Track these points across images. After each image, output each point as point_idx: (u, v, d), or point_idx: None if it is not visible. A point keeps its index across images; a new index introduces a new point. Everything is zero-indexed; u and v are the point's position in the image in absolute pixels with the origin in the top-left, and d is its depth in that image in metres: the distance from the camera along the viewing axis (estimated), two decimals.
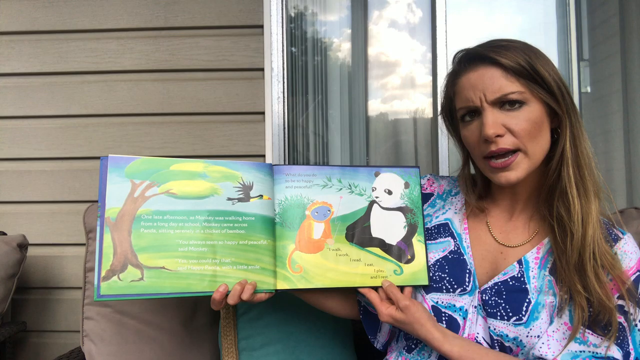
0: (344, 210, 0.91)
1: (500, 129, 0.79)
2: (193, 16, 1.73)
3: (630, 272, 0.80)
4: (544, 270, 0.83)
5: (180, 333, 1.18)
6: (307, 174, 0.92)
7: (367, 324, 0.98)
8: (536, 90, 0.79)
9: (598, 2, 1.92)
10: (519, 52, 0.80)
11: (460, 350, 0.79)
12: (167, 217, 0.82)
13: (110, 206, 0.80)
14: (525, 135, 0.79)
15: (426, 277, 0.89)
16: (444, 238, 0.93)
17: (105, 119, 1.75)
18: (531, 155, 0.81)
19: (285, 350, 1.10)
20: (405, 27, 1.99)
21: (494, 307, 0.83)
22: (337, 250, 0.89)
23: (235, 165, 0.88)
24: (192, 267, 0.81)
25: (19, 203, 1.75)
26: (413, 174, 0.95)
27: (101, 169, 0.81)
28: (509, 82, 0.79)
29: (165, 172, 0.84)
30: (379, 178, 0.94)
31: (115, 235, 0.79)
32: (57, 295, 1.74)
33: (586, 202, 0.80)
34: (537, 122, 0.80)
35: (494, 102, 0.80)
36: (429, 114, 1.95)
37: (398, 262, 0.90)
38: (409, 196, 0.93)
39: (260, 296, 0.85)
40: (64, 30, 1.75)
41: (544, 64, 0.80)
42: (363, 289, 0.87)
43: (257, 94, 1.72)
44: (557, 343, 0.78)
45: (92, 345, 1.15)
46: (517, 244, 0.87)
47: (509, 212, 0.91)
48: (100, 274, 0.78)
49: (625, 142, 1.85)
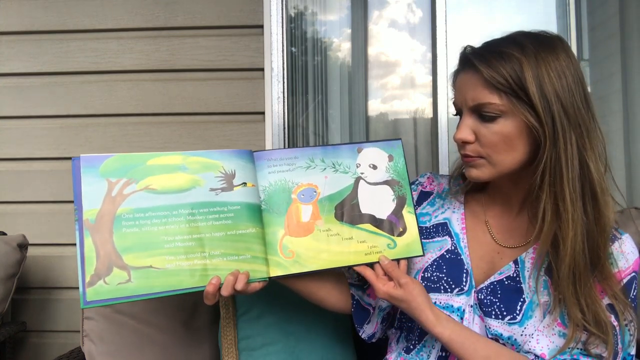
0: (331, 190, 0.89)
1: (469, 136, 0.80)
2: (193, 16, 1.73)
3: (626, 272, 0.80)
4: (539, 270, 0.83)
5: (180, 333, 1.18)
6: (289, 157, 0.90)
7: (356, 316, 0.98)
8: (518, 105, 0.75)
9: (598, 2, 1.92)
10: (512, 62, 0.75)
11: (451, 334, 0.79)
12: (149, 214, 0.79)
13: (88, 208, 0.77)
14: (490, 147, 0.79)
15: (420, 248, 0.88)
16: (442, 237, 0.93)
17: (105, 119, 1.74)
18: (495, 164, 0.80)
19: (285, 350, 1.10)
20: (405, 27, 1.99)
21: (489, 306, 0.83)
22: (328, 230, 0.87)
23: (215, 155, 0.85)
24: (181, 263, 0.79)
25: (19, 203, 1.75)
26: (396, 146, 0.93)
27: (74, 171, 0.78)
28: (487, 93, 0.77)
29: (142, 168, 0.81)
30: (362, 154, 0.92)
31: (96, 238, 0.76)
32: (57, 295, 1.74)
33: (566, 217, 0.75)
34: (510, 136, 0.77)
35: (471, 109, 0.80)
36: (429, 114, 1.95)
37: (390, 235, 0.88)
38: (394, 169, 0.91)
39: (255, 285, 0.83)
40: (64, 30, 1.75)
41: (542, 77, 0.74)
42: (358, 267, 0.86)
43: (257, 94, 1.72)
44: (546, 338, 0.79)
45: (92, 345, 1.15)
46: (514, 245, 0.88)
47: (507, 212, 0.91)
48: (85, 280, 0.74)
49: (625, 142, 1.85)
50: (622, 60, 1.86)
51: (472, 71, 0.79)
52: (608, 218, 0.77)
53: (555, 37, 0.80)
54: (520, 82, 0.74)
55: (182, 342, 1.18)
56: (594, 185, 0.76)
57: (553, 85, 0.74)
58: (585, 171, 0.75)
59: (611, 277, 0.78)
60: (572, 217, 0.75)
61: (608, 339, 0.75)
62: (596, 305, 0.76)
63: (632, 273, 0.81)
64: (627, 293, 0.79)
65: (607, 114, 1.90)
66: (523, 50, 0.76)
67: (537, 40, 0.77)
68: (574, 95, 0.75)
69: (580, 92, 0.76)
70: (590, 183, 0.76)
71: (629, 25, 1.84)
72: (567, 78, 0.75)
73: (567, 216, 0.75)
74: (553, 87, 0.74)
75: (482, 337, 0.81)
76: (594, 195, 0.76)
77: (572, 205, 0.75)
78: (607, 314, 0.76)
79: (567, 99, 0.75)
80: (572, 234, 0.75)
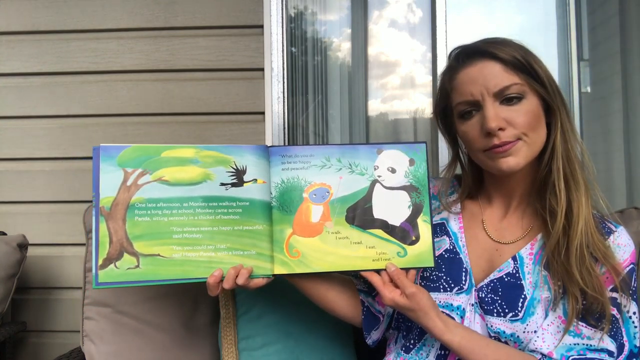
0: (344, 191, 0.87)
1: (502, 122, 0.80)
2: (193, 16, 1.73)
3: (624, 265, 0.81)
4: (538, 265, 0.83)
5: (180, 333, 1.18)
6: (304, 155, 0.88)
7: (366, 323, 0.97)
8: (533, 84, 0.81)
9: (598, 2, 1.92)
10: (514, 47, 0.82)
11: (461, 340, 0.79)
12: (160, 205, 0.82)
13: (104, 195, 0.81)
14: (526, 126, 0.81)
15: (432, 259, 0.85)
16: (440, 237, 0.93)
17: (105, 119, 1.74)
18: (531, 143, 0.82)
19: (285, 350, 1.10)
20: (405, 27, 1.99)
21: (491, 304, 0.84)
22: (337, 233, 0.86)
23: (228, 149, 0.86)
24: (187, 253, 0.82)
25: (19, 203, 1.75)
26: (419, 150, 0.89)
27: (94, 159, 0.82)
28: (508, 75, 0.81)
29: (156, 159, 0.84)
30: (382, 155, 0.88)
31: (110, 224, 0.80)
32: (57, 295, 1.74)
33: (576, 195, 0.81)
34: (536, 114, 0.82)
35: (495, 95, 0.81)
36: (429, 114, 1.96)
37: (402, 243, 0.86)
38: (414, 174, 0.88)
39: (258, 281, 0.84)
40: (64, 30, 1.75)
41: (536, 60, 0.83)
42: (365, 272, 0.85)
43: (257, 94, 1.72)
44: (551, 336, 0.80)
45: (92, 345, 1.15)
46: (512, 241, 0.88)
47: (503, 209, 0.91)
48: (98, 262, 0.79)
49: (625, 142, 1.85)
50: (622, 60, 1.86)
51: (485, 60, 0.82)
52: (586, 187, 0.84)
53: None
54: (529, 62, 0.81)
55: (182, 342, 1.18)
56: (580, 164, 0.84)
57: (544, 67, 0.83)
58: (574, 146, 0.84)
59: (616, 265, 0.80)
60: (583, 195, 0.81)
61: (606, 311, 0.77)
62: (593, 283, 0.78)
63: (631, 265, 0.82)
64: (627, 284, 0.80)
65: (607, 114, 1.90)
66: (516, 42, 0.84)
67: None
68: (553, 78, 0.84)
69: None
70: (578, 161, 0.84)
71: (629, 25, 1.84)
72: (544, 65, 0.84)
73: (579, 195, 0.81)
74: (545, 69, 0.83)
75: (492, 342, 0.81)
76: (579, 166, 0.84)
77: (583, 184, 0.82)
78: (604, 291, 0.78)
79: (554, 79, 0.84)
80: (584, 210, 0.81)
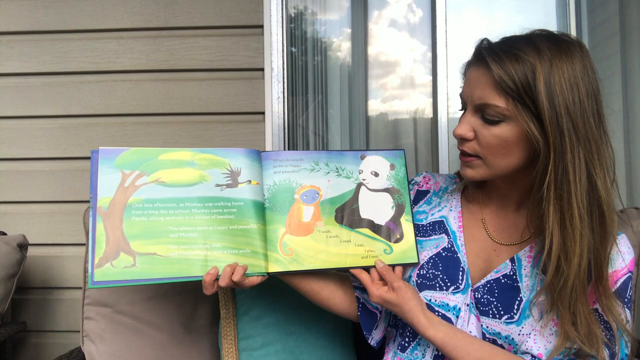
0: (333, 193, 0.92)
1: (469, 133, 0.80)
2: (193, 16, 1.73)
3: (622, 272, 0.80)
4: (536, 268, 0.83)
5: (180, 333, 1.18)
6: (294, 159, 0.93)
7: (364, 320, 0.97)
8: (523, 113, 0.74)
9: (598, 2, 1.92)
10: (525, 66, 0.73)
11: (444, 337, 0.80)
12: (157, 205, 0.84)
13: (102, 196, 0.82)
14: (488, 149, 0.79)
15: (415, 255, 0.91)
16: (438, 235, 0.93)
17: (105, 119, 1.75)
18: (490, 166, 0.80)
19: (285, 350, 1.10)
20: (405, 26, 1.99)
21: (486, 305, 0.83)
22: (327, 232, 0.90)
23: (223, 152, 0.89)
24: (183, 252, 0.83)
25: (19, 203, 1.75)
26: (398, 156, 0.97)
27: (92, 162, 0.84)
28: (496, 94, 0.75)
29: (154, 162, 0.86)
30: (365, 161, 0.95)
31: (107, 224, 0.81)
32: (57, 295, 1.74)
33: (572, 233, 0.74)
34: (508, 142, 0.77)
35: (476, 107, 0.79)
36: (429, 114, 1.95)
37: (387, 241, 0.91)
38: (395, 177, 0.95)
39: (253, 279, 0.85)
40: (64, 30, 1.75)
41: (553, 88, 0.72)
42: (354, 269, 0.88)
43: (257, 94, 1.72)
44: (542, 338, 0.79)
45: (92, 345, 1.15)
46: (511, 242, 0.88)
47: (504, 209, 0.91)
48: (94, 261, 0.80)
49: (625, 142, 1.85)
50: (622, 60, 1.85)
51: (484, 68, 0.77)
52: (613, 236, 0.76)
53: (576, 43, 0.76)
54: (531, 90, 0.72)
55: (182, 342, 1.18)
56: (601, 202, 0.74)
57: (564, 97, 0.72)
58: (594, 187, 0.73)
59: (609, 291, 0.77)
60: (580, 234, 0.73)
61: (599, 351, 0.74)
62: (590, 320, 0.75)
63: (628, 273, 0.81)
64: (622, 293, 0.80)
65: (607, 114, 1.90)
66: (539, 55, 0.73)
67: (556, 45, 0.74)
68: (585, 109, 0.73)
69: (593, 106, 0.74)
70: (598, 200, 0.74)
71: (629, 25, 1.84)
72: (580, 90, 0.72)
73: (575, 232, 0.73)
74: (564, 100, 0.72)
75: (476, 339, 0.81)
76: (601, 213, 0.75)
77: (581, 222, 0.73)
78: (600, 329, 0.75)
79: (577, 113, 0.72)
80: (579, 251, 0.74)
